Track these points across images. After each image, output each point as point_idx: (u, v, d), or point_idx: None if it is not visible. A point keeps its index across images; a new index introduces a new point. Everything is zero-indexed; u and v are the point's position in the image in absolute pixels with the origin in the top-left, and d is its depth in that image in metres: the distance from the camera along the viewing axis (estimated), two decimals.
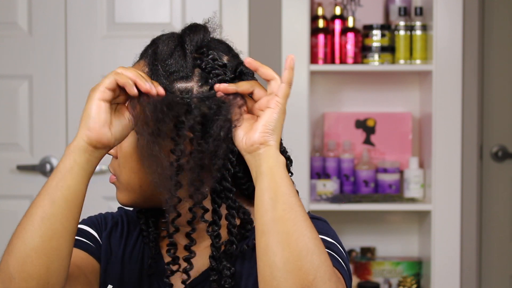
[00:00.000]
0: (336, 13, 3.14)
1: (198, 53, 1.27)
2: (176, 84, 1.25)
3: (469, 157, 3.10)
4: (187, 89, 1.25)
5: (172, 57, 1.26)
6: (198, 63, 1.26)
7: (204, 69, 1.26)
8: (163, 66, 1.26)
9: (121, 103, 1.22)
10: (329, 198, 3.08)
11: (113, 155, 1.31)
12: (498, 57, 3.23)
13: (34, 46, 3.05)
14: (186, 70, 1.25)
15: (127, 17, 3.06)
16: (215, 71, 1.26)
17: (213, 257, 1.26)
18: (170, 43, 1.27)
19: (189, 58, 1.26)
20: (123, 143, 1.28)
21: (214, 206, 1.26)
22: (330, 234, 1.28)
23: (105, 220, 1.42)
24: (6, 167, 3.07)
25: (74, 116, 3.05)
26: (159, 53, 1.27)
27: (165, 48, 1.27)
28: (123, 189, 1.31)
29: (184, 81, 1.25)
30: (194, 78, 1.26)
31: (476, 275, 3.15)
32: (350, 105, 3.26)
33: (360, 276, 3.21)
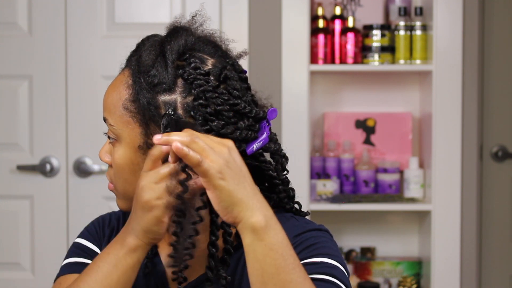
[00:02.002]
0: (336, 13, 3.14)
1: (181, 60, 1.26)
2: (160, 97, 1.24)
3: (469, 157, 3.10)
4: (170, 101, 1.23)
5: (154, 67, 1.25)
6: (180, 73, 1.24)
7: (186, 80, 1.24)
8: (146, 79, 1.24)
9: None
10: (329, 198, 3.08)
11: (109, 163, 1.31)
12: (498, 57, 3.23)
13: (34, 46, 3.05)
14: (169, 82, 1.24)
15: (127, 17, 3.06)
16: (197, 82, 1.23)
17: (209, 268, 1.24)
18: (152, 53, 1.26)
19: (170, 69, 1.24)
20: (115, 155, 1.28)
21: (212, 216, 1.24)
22: (331, 252, 1.26)
23: (102, 229, 1.41)
24: (6, 167, 3.07)
25: (74, 116, 3.05)
26: (141, 64, 1.26)
27: (147, 58, 1.25)
28: (121, 197, 1.30)
29: (167, 93, 1.24)
30: (177, 90, 1.24)
31: (476, 275, 3.15)
32: (350, 105, 3.26)
33: (360, 276, 3.21)
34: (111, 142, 1.29)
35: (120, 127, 1.26)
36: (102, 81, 3.02)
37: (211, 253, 1.24)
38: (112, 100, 1.28)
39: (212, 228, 1.24)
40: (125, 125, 1.26)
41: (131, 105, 1.26)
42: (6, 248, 3.06)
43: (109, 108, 1.28)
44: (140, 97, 1.25)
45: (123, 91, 1.27)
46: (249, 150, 1.26)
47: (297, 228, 1.29)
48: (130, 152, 1.26)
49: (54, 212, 3.05)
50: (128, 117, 1.26)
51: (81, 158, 3.05)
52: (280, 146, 1.34)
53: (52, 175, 3.06)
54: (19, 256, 3.06)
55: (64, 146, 3.05)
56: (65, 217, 3.06)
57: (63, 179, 3.06)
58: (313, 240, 1.27)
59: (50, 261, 3.03)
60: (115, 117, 1.27)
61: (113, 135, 1.28)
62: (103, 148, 1.32)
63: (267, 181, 1.33)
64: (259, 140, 1.26)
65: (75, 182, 3.06)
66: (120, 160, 1.27)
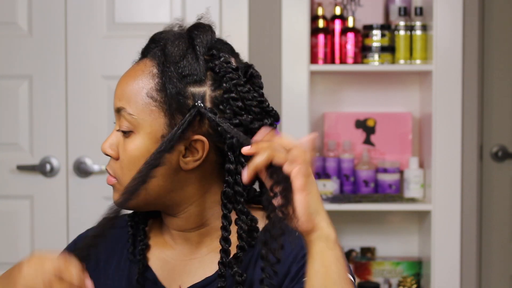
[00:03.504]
0: (336, 13, 3.14)
1: (208, 55, 1.26)
2: (189, 88, 1.23)
3: (469, 157, 3.10)
4: (200, 93, 1.23)
5: (185, 59, 1.24)
6: (210, 66, 1.24)
7: (217, 73, 1.24)
8: (176, 69, 1.23)
9: None
10: (329, 198, 3.08)
11: (114, 157, 1.28)
12: (498, 57, 3.23)
13: (34, 46, 3.05)
14: (200, 74, 1.24)
15: (127, 17, 3.06)
16: (229, 75, 1.24)
17: (223, 263, 1.23)
18: (181, 44, 1.25)
19: (201, 61, 1.24)
20: (128, 146, 1.25)
21: (225, 211, 1.23)
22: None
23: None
24: (6, 167, 3.07)
25: (74, 116, 3.05)
26: (169, 54, 1.24)
27: (176, 49, 1.24)
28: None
29: (197, 85, 1.24)
30: (207, 82, 1.24)
31: (476, 275, 3.15)
32: (350, 105, 3.26)
33: (360, 276, 3.21)
34: (125, 134, 1.26)
35: (141, 116, 1.24)
36: (102, 81, 3.02)
37: (224, 248, 1.23)
38: (133, 89, 1.25)
39: (224, 224, 1.24)
40: (148, 115, 1.24)
41: (157, 94, 1.24)
42: (6, 248, 3.06)
43: (128, 96, 1.26)
44: (168, 86, 1.23)
45: (147, 80, 1.25)
46: None
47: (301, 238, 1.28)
48: (149, 143, 1.24)
49: (54, 212, 3.05)
50: (152, 106, 1.24)
51: (81, 158, 3.05)
52: None
53: (52, 175, 3.06)
54: (19, 256, 3.05)
55: (64, 146, 3.05)
56: (65, 217, 3.06)
57: (63, 179, 3.06)
58: None
59: None
60: (136, 106, 1.24)
61: (129, 125, 1.25)
62: (107, 140, 1.28)
63: None
64: None
65: (75, 182, 3.06)
66: (136, 151, 1.24)
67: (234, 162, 1.23)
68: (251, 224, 1.26)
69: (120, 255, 1.35)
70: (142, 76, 1.26)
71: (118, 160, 1.27)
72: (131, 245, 1.34)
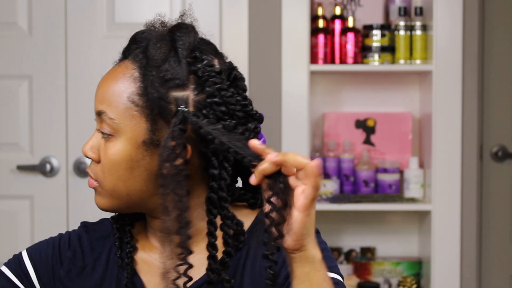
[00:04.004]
0: (336, 13, 3.14)
1: (191, 58, 1.23)
2: (172, 93, 1.21)
3: (469, 157, 3.10)
4: (183, 97, 1.20)
5: (167, 62, 1.21)
6: (193, 70, 1.22)
7: (200, 77, 1.21)
8: (158, 73, 1.21)
9: None
10: (329, 198, 3.08)
11: (95, 159, 1.26)
12: (498, 57, 3.22)
13: (34, 46, 3.05)
14: (182, 78, 1.21)
15: (127, 17, 3.06)
16: (212, 79, 1.21)
17: (210, 270, 1.22)
18: (163, 47, 1.22)
19: (183, 65, 1.21)
20: (109, 150, 1.23)
21: (210, 217, 1.22)
22: (333, 263, 1.25)
23: (59, 253, 1.34)
24: (6, 167, 3.07)
25: (74, 116, 3.05)
26: (151, 57, 1.22)
27: (158, 52, 1.22)
28: (106, 195, 1.25)
29: (180, 89, 1.21)
30: (190, 86, 1.21)
31: (476, 275, 3.15)
32: (350, 105, 3.26)
33: (360, 276, 3.21)
34: (104, 137, 1.24)
35: (122, 121, 1.22)
36: None
37: (211, 254, 1.22)
38: (114, 92, 1.23)
39: (210, 230, 1.22)
40: (129, 119, 1.22)
41: (138, 99, 1.22)
42: (6, 248, 3.06)
43: (108, 100, 1.23)
44: (150, 91, 1.21)
45: (128, 84, 1.23)
46: None
47: None
48: (130, 148, 1.22)
49: (54, 212, 3.05)
50: (134, 111, 1.22)
51: (81, 158, 3.05)
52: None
53: (52, 175, 3.06)
54: None
55: (64, 146, 3.05)
56: (65, 217, 3.06)
57: (63, 179, 3.06)
58: None
59: None
60: (117, 110, 1.22)
61: (110, 129, 1.23)
62: (88, 143, 1.26)
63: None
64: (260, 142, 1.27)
65: (75, 182, 3.06)
66: (117, 155, 1.22)
67: (218, 168, 1.21)
68: (237, 228, 1.25)
69: (107, 259, 1.33)
70: (123, 79, 1.24)
71: (99, 163, 1.25)
72: (118, 248, 1.32)
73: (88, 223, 1.37)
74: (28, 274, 1.34)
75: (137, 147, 1.22)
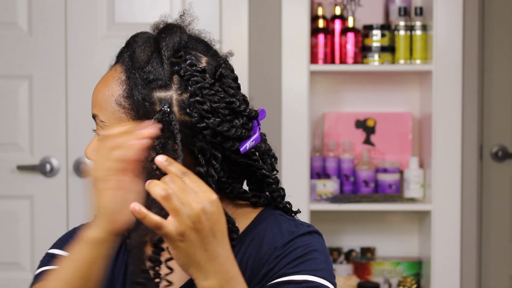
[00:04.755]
0: (336, 13, 3.14)
1: (176, 57, 1.25)
2: (155, 94, 1.22)
3: (469, 157, 3.10)
4: (166, 98, 1.22)
5: (150, 64, 1.23)
6: (176, 70, 1.23)
7: (182, 76, 1.23)
8: (141, 75, 1.23)
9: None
10: (329, 198, 3.08)
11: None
12: (498, 57, 3.23)
13: (34, 46, 3.05)
14: (165, 78, 1.22)
15: (127, 17, 3.06)
16: (194, 78, 1.22)
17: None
18: (147, 49, 1.25)
19: (166, 65, 1.23)
20: None
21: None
22: (318, 267, 1.24)
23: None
24: (6, 167, 3.07)
25: (74, 116, 3.05)
26: (135, 59, 1.24)
27: (142, 54, 1.24)
28: None
29: (163, 90, 1.23)
30: (173, 86, 1.23)
31: (476, 275, 3.15)
32: (350, 105, 3.26)
33: (360, 276, 3.21)
34: (100, 139, 1.27)
35: (112, 123, 1.25)
36: None
37: None
38: (104, 96, 1.27)
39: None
40: (118, 122, 1.24)
41: (124, 101, 1.24)
42: (6, 248, 3.06)
43: (99, 104, 1.27)
44: (135, 93, 1.23)
45: (116, 87, 1.26)
46: (243, 149, 1.25)
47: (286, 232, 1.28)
48: None
49: (54, 212, 3.05)
50: (121, 114, 1.24)
51: (81, 158, 3.05)
52: (269, 146, 1.33)
53: (52, 175, 3.06)
54: (19, 256, 3.06)
55: (64, 146, 3.05)
56: (65, 217, 3.06)
57: (63, 179, 3.06)
58: (301, 251, 1.25)
59: None
60: (107, 114, 1.26)
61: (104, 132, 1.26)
62: (90, 145, 1.30)
63: (259, 181, 1.33)
64: (252, 139, 1.26)
65: (75, 182, 3.06)
66: None
67: (205, 165, 1.22)
68: (228, 225, 1.24)
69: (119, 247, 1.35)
70: (112, 83, 1.27)
71: None
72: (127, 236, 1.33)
73: None
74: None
75: None
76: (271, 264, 1.24)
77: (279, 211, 1.33)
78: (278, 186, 1.34)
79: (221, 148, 1.24)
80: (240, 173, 1.32)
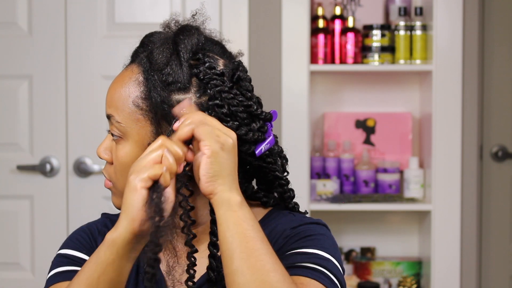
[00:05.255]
0: (336, 13, 3.14)
1: (194, 59, 1.25)
2: (174, 96, 1.23)
3: (469, 157, 3.10)
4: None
5: (169, 66, 1.24)
6: (195, 72, 1.24)
7: (202, 80, 1.23)
8: (160, 76, 1.24)
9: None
10: (329, 198, 3.08)
11: (108, 161, 1.29)
12: (498, 57, 3.23)
13: (34, 46, 3.05)
14: (184, 81, 1.23)
15: (127, 17, 3.06)
16: (213, 82, 1.23)
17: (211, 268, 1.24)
18: (165, 50, 1.25)
19: (185, 68, 1.24)
20: (119, 152, 1.26)
21: (213, 216, 1.22)
22: (326, 245, 1.26)
23: (94, 238, 1.37)
24: (6, 167, 3.07)
25: (74, 116, 3.05)
26: (154, 61, 1.25)
27: (160, 56, 1.24)
28: (120, 195, 1.27)
29: (182, 92, 1.23)
30: (192, 89, 1.24)
31: (476, 275, 3.15)
32: (350, 105, 3.26)
33: (360, 276, 3.21)
34: (114, 139, 1.27)
35: (128, 125, 1.25)
36: (102, 81, 3.02)
37: (212, 254, 1.23)
38: (120, 96, 1.27)
39: (212, 229, 1.24)
40: (135, 123, 1.25)
41: (142, 102, 1.24)
42: (6, 248, 3.06)
43: (115, 104, 1.27)
44: (153, 94, 1.24)
45: (133, 88, 1.26)
46: (258, 152, 1.26)
47: (294, 221, 1.30)
48: (137, 150, 1.25)
49: (54, 212, 3.05)
50: (138, 115, 1.25)
51: (81, 158, 3.05)
52: (281, 148, 1.35)
53: (52, 175, 3.06)
54: (19, 256, 3.06)
55: (64, 146, 3.05)
56: (65, 217, 3.06)
57: (63, 179, 3.06)
58: (310, 232, 1.27)
59: (50, 261, 3.03)
60: (123, 114, 1.26)
61: (119, 132, 1.26)
62: (102, 144, 1.29)
63: (270, 181, 1.34)
64: (266, 141, 1.28)
65: (75, 182, 3.06)
66: (126, 157, 1.26)
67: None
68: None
69: None
70: (129, 83, 1.27)
71: (113, 164, 1.29)
72: None
73: (110, 214, 1.41)
74: (80, 259, 1.35)
75: (144, 149, 1.24)
76: (279, 244, 1.26)
77: (287, 211, 1.35)
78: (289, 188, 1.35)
79: (238, 151, 1.24)
80: (251, 173, 1.33)
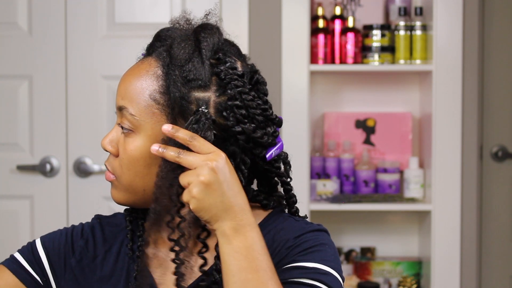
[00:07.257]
0: (336, 13, 3.14)
1: (214, 59, 1.24)
2: (193, 93, 1.22)
3: (469, 157, 3.10)
4: (204, 98, 1.22)
5: (190, 63, 1.23)
6: (216, 71, 1.23)
7: (222, 79, 1.23)
8: (180, 72, 1.22)
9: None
10: (329, 198, 3.08)
11: (113, 153, 1.27)
12: (498, 57, 3.23)
13: (34, 46, 3.05)
14: (205, 79, 1.22)
15: (127, 17, 3.06)
16: (234, 82, 1.23)
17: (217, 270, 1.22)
18: (187, 47, 1.23)
19: (207, 66, 1.23)
20: (128, 146, 1.24)
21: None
22: (326, 257, 1.25)
23: (71, 243, 1.37)
24: (6, 167, 3.07)
25: (74, 116, 3.05)
26: (175, 56, 1.23)
27: (182, 52, 1.23)
28: (122, 189, 1.27)
29: (202, 90, 1.22)
30: (212, 88, 1.23)
31: (476, 275, 3.15)
32: (350, 105, 3.26)
33: (360, 276, 3.21)
34: (124, 132, 1.25)
35: (143, 118, 1.23)
36: (102, 81, 3.02)
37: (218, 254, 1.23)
38: (136, 88, 1.24)
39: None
40: (150, 117, 1.23)
41: (160, 97, 1.23)
42: (6, 248, 3.06)
43: (130, 96, 1.24)
44: (172, 90, 1.22)
45: (150, 81, 1.24)
46: (268, 156, 1.27)
47: (297, 228, 1.29)
48: (149, 144, 1.22)
49: (54, 212, 3.05)
50: (155, 109, 1.23)
51: (81, 158, 3.05)
52: (287, 154, 1.34)
53: (52, 175, 3.06)
54: None
55: (64, 146, 3.05)
56: (65, 217, 3.06)
57: (63, 179, 3.06)
58: (312, 242, 1.26)
59: None
60: (138, 107, 1.23)
61: (130, 125, 1.24)
62: (108, 136, 1.27)
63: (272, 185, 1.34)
64: (276, 146, 1.28)
65: (75, 182, 3.06)
66: (136, 151, 1.24)
67: (234, 170, 1.21)
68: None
69: (118, 252, 1.34)
70: (146, 76, 1.24)
71: (118, 157, 1.26)
72: (130, 240, 1.33)
73: (102, 216, 1.40)
74: (40, 261, 1.38)
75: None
76: (282, 255, 1.25)
77: (287, 214, 1.34)
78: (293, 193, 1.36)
79: (250, 154, 1.24)
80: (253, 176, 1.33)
